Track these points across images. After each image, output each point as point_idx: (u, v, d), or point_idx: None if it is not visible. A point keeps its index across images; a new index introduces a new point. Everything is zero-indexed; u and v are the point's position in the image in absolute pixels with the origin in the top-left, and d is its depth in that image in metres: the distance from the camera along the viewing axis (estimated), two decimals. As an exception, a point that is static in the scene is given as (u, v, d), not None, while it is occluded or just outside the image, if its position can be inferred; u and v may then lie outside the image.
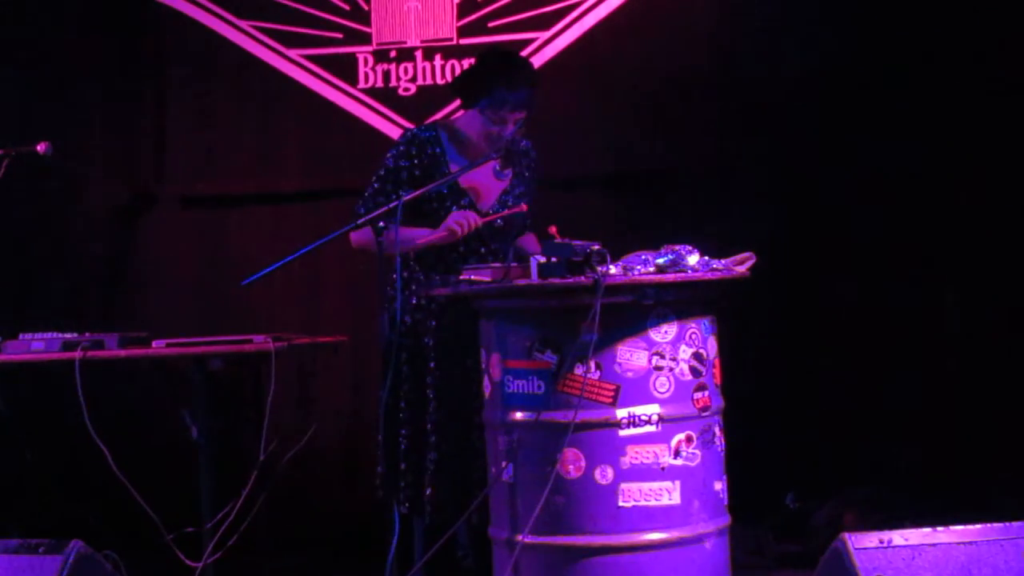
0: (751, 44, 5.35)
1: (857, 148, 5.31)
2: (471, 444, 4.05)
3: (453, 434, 4.16)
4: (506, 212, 4.26)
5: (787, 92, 5.31)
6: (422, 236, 4.17)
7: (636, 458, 3.66)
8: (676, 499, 3.67)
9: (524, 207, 4.25)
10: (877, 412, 5.28)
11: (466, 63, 5.55)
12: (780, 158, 5.34)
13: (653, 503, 3.66)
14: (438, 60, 5.60)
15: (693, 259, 3.73)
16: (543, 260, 3.69)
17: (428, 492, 4.15)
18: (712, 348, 3.83)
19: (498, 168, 4.35)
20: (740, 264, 3.85)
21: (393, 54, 5.65)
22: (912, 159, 5.24)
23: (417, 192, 4.06)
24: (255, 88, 5.75)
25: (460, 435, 4.14)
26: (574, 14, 5.52)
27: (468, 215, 4.15)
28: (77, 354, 4.48)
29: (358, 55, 5.67)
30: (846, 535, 3.40)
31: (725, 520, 3.83)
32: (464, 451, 4.11)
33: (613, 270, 3.65)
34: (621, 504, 3.65)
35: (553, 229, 4.15)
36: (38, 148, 4.80)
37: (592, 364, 3.65)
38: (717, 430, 3.81)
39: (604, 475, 3.65)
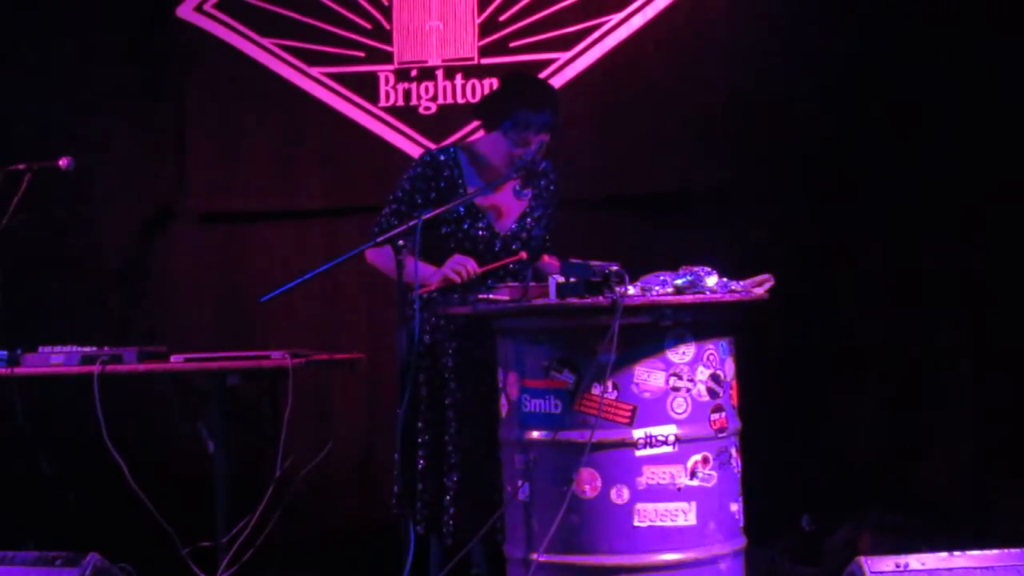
0: (770, 66, 5.34)
1: (875, 171, 5.30)
2: (493, 464, 4.03)
3: (475, 455, 4.15)
4: (504, 261, 4.26)
5: (808, 114, 5.31)
6: (423, 279, 4.15)
7: (652, 478, 3.66)
8: (692, 520, 3.67)
9: (524, 255, 4.25)
10: (894, 435, 5.26)
11: (487, 83, 5.57)
12: (799, 181, 5.33)
13: (669, 524, 3.65)
14: (459, 79, 5.62)
15: (711, 280, 3.73)
16: (562, 280, 3.70)
17: (451, 512, 4.14)
18: (730, 369, 3.84)
19: (518, 188, 4.37)
20: (759, 286, 3.85)
21: (414, 73, 5.67)
22: (927, 185, 5.23)
23: (437, 211, 4.07)
24: (276, 105, 5.76)
25: (482, 455, 4.12)
26: (595, 35, 5.53)
27: (467, 263, 4.15)
28: (96, 368, 4.51)
29: (379, 74, 5.70)
30: (862, 558, 3.41)
31: (741, 542, 3.83)
32: (486, 471, 4.10)
33: (631, 290, 3.66)
34: (636, 524, 3.65)
35: (546, 257, 4.17)
36: (60, 163, 4.84)
37: (609, 384, 3.66)
38: (734, 451, 3.81)
39: (620, 495, 3.65)
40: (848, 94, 5.31)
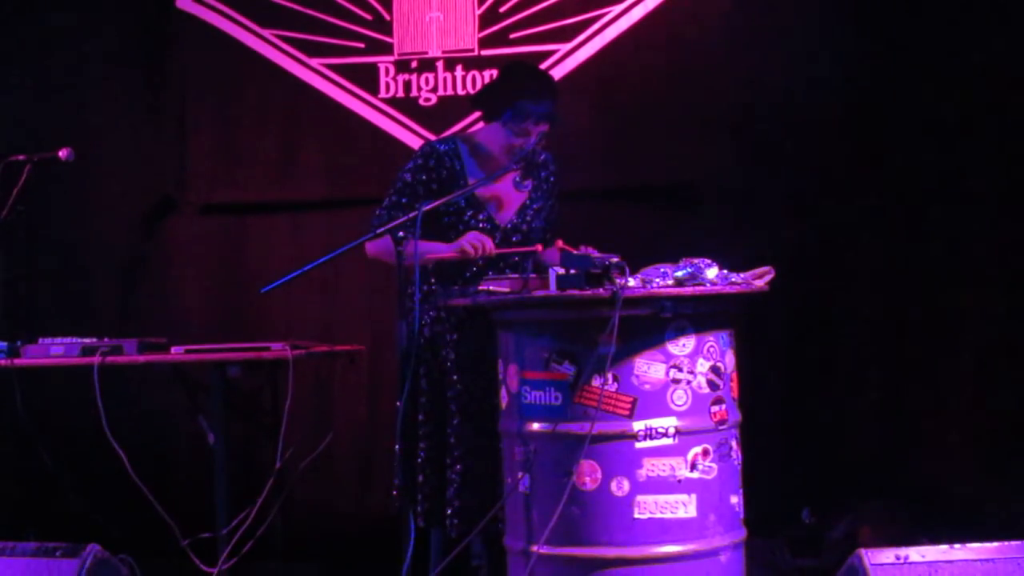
0: (770, 59, 5.33)
1: (876, 167, 5.30)
2: (495, 456, 4.03)
3: (478, 446, 4.15)
4: (520, 249, 4.25)
5: (809, 107, 5.30)
6: (436, 251, 4.16)
7: (652, 470, 3.66)
8: (692, 512, 3.67)
9: (539, 247, 4.25)
10: (894, 427, 5.26)
11: (487, 74, 5.56)
12: (799, 173, 5.32)
13: (669, 516, 3.65)
14: (459, 71, 5.62)
15: (712, 272, 3.73)
16: (562, 272, 3.70)
17: (455, 504, 4.14)
18: (730, 361, 3.83)
19: (518, 179, 4.36)
20: (759, 278, 3.85)
21: (414, 64, 5.66)
22: (928, 182, 5.23)
23: (437, 202, 4.05)
24: (277, 96, 5.75)
25: (485, 447, 4.12)
26: (595, 27, 5.52)
27: (485, 240, 4.14)
28: (96, 359, 4.51)
29: (379, 65, 5.69)
30: (862, 551, 3.40)
31: (741, 534, 3.83)
32: (489, 463, 4.09)
33: (632, 282, 3.66)
34: (637, 516, 3.65)
35: (560, 242, 4.16)
36: (60, 154, 4.83)
37: (609, 376, 3.66)
38: (734, 443, 3.81)
39: (620, 487, 3.65)
40: (849, 88, 5.30)
